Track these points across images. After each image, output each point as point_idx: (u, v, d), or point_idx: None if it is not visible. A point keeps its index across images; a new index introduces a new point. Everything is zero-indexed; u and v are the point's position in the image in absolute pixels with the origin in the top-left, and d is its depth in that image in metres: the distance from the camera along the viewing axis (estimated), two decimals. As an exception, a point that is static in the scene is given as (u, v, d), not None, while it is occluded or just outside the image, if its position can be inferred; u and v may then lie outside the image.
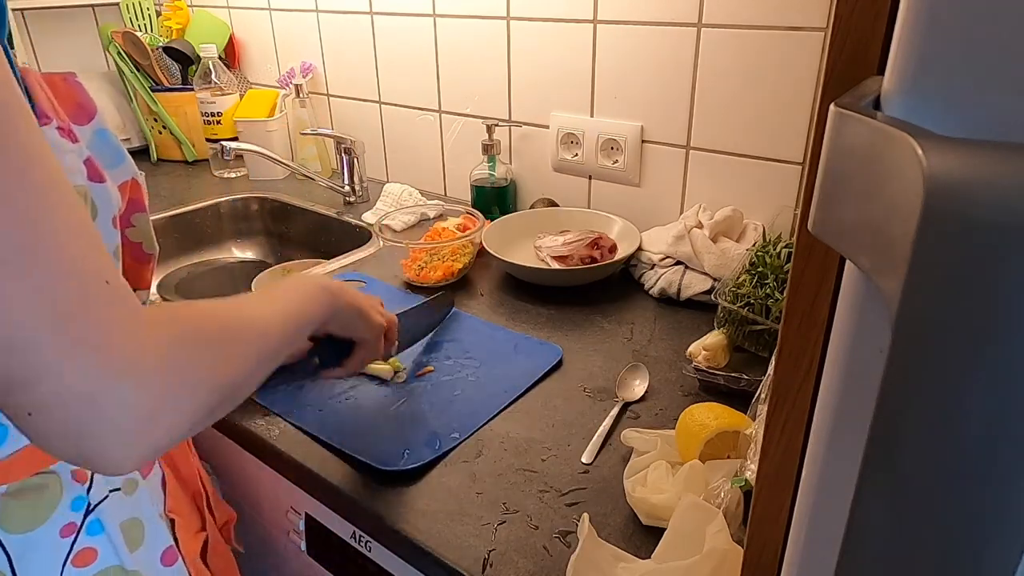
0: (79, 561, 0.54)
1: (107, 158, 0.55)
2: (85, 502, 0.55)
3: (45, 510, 0.52)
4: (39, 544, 0.52)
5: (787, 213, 1.02)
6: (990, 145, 0.19)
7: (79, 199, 0.41)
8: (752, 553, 0.40)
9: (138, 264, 0.61)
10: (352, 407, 0.80)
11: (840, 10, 0.28)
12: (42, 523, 0.52)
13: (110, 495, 0.57)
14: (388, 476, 0.70)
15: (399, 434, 0.75)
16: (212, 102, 1.62)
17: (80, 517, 0.54)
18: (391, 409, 0.79)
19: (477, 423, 0.77)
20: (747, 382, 0.79)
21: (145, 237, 0.61)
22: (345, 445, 0.73)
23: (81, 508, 0.54)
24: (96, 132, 0.55)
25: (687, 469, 0.65)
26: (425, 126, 1.46)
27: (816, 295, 0.32)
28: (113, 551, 0.56)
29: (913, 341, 0.20)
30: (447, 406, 0.80)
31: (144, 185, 0.61)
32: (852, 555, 0.23)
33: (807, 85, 0.97)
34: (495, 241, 1.11)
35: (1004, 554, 0.21)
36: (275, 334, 0.54)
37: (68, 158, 0.49)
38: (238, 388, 0.48)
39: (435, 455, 0.72)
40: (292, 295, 0.60)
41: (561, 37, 1.18)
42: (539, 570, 0.60)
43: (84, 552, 0.54)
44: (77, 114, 0.54)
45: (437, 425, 0.76)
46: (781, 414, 0.36)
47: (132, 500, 0.59)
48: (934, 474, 0.21)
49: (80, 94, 0.54)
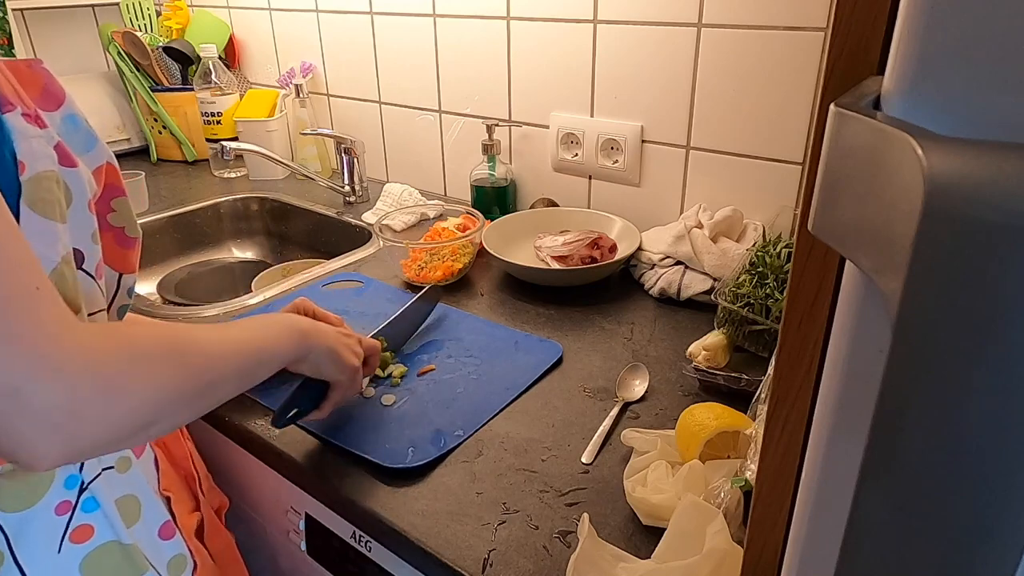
0: (77, 537, 0.55)
1: (79, 143, 0.55)
2: (79, 480, 0.56)
3: (39, 489, 0.54)
4: (35, 522, 0.54)
5: (787, 213, 1.02)
6: (990, 145, 0.19)
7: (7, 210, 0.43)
8: (752, 553, 0.40)
9: (122, 248, 0.62)
10: (356, 406, 0.80)
11: (840, 10, 0.28)
12: (37, 502, 0.53)
13: (103, 473, 0.58)
14: (394, 474, 0.70)
15: (404, 432, 0.75)
16: (212, 102, 1.62)
17: (75, 495, 0.56)
18: (394, 408, 0.79)
19: (481, 420, 0.77)
20: (747, 382, 0.79)
21: (127, 221, 0.62)
22: (350, 444, 0.73)
23: (75, 486, 0.55)
24: (66, 117, 0.55)
25: (687, 469, 0.65)
26: (425, 126, 1.46)
27: (816, 295, 0.32)
28: (109, 527, 0.57)
29: (913, 341, 0.20)
30: (450, 404, 0.80)
31: (119, 169, 0.61)
32: (852, 555, 0.23)
33: (807, 85, 0.97)
34: (495, 241, 1.11)
35: (1004, 554, 0.21)
36: (226, 364, 0.54)
37: (36, 143, 0.49)
38: (172, 406, 0.48)
39: (441, 452, 0.72)
40: (258, 331, 0.61)
41: (561, 37, 1.18)
42: (539, 570, 0.60)
43: (81, 528, 0.56)
44: (45, 100, 0.53)
45: (441, 423, 0.77)
46: (781, 414, 0.36)
47: (126, 478, 0.60)
48: (934, 474, 0.21)
49: (47, 80, 0.54)
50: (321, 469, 0.72)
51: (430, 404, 0.80)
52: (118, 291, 0.63)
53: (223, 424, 0.80)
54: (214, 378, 0.53)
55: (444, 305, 1.02)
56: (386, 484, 0.69)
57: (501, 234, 1.14)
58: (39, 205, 0.48)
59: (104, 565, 0.57)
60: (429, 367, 0.87)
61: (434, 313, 0.99)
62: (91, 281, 0.55)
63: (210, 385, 0.52)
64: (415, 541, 0.63)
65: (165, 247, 1.43)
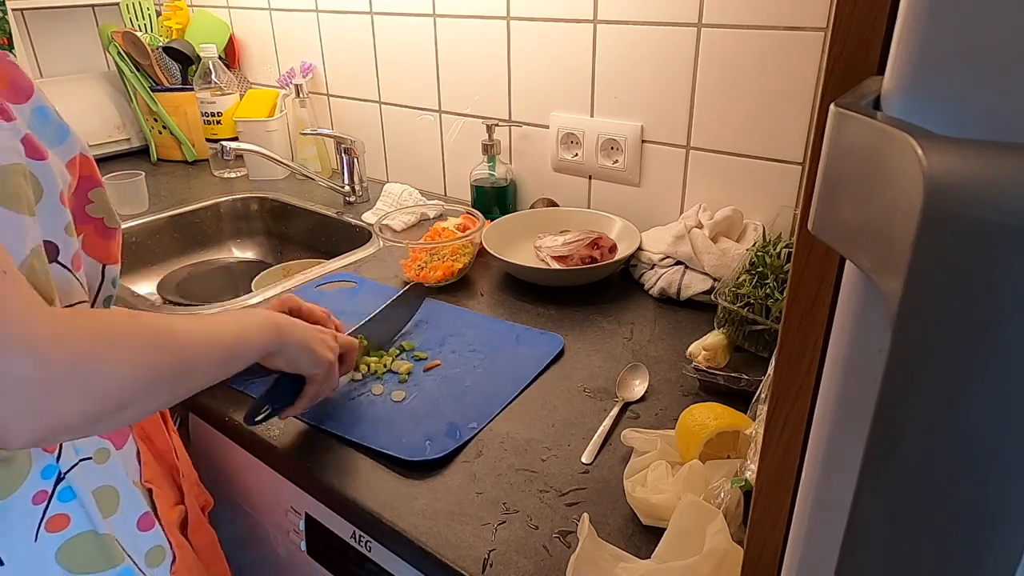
0: (52, 527, 0.56)
1: (50, 135, 0.56)
2: (55, 470, 0.56)
3: (16, 479, 0.54)
4: (12, 511, 0.54)
5: (787, 213, 1.02)
6: (990, 145, 0.19)
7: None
8: (752, 553, 0.40)
9: (103, 239, 0.62)
10: (366, 403, 0.81)
11: (840, 10, 0.28)
12: (14, 491, 0.54)
13: (80, 463, 0.58)
14: (414, 467, 0.71)
15: (418, 426, 0.76)
16: (212, 102, 1.62)
17: (51, 485, 0.56)
18: (405, 404, 0.81)
19: (492, 411, 0.79)
20: (747, 382, 0.79)
21: (105, 212, 0.62)
22: (368, 440, 0.74)
23: (52, 476, 0.56)
24: (35, 110, 0.55)
25: (687, 469, 0.65)
26: (425, 126, 1.46)
27: (816, 295, 0.32)
28: (86, 517, 0.58)
29: (913, 341, 0.20)
30: (460, 397, 0.82)
31: (93, 159, 0.61)
32: (852, 555, 0.23)
33: (807, 85, 0.97)
34: (495, 241, 1.11)
35: (1004, 554, 0.21)
36: (199, 350, 0.55)
37: (1, 136, 0.50)
38: (145, 390, 0.49)
39: (458, 443, 0.74)
40: (234, 324, 0.62)
41: (561, 37, 1.18)
42: (539, 570, 0.60)
43: (57, 518, 0.56)
44: (13, 93, 0.54)
45: (453, 416, 0.78)
46: (781, 414, 0.36)
47: (105, 468, 0.60)
48: (934, 474, 0.21)
49: (14, 73, 0.55)
50: (321, 469, 0.72)
51: (440, 398, 0.82)
52: (103, 282, 0.64)
53: (223, 424, 0.80)
54: (189, 365, 0.54)
55: (442, 303, 1.02)
56: (390, 482, 0.69)
57: (501, 234, 1.14)
58: (4, 198, 0.49)
59: (79, 555, 0.57)
60: (435, 363, 0.88)
61: (437, 311, 0.99)
62: (67, 274, 0.56)
63: (185, 372, 0.53)
64: (415, 541, 0.63)
65: (165, 247, 1.43)
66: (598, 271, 1.05)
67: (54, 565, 0.56)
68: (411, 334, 0.96)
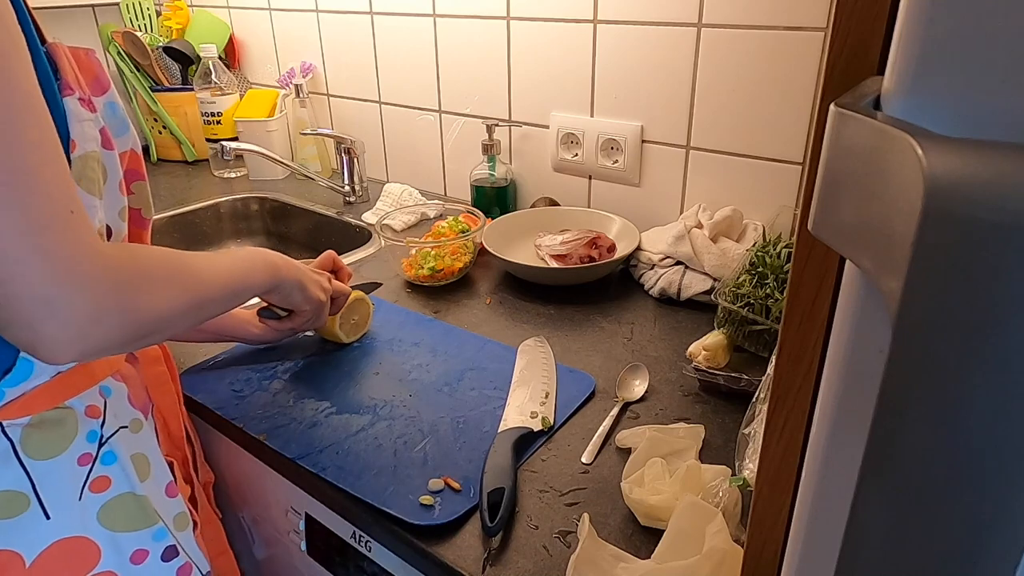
0: (96, 487, 0.61)
1: (116, 128, 0.61)
2: (99, 435, 0.61)
3: (64, 440, 0.59)
4: (59, 470, 0.58)
5: (787, 213, 1.02)
6: (990, 145, 0.19)
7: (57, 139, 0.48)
8: (752, 553, 0.40)
9: (138, 228, 0.68)
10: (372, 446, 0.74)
11: (840, 10, 0.28)
12: (62, 452, 0.58)
13: (119, 431, 0.63)
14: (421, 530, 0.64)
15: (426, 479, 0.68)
16: (212, 102, 1.62)
17: (95, 448, 0.61)
18: (415, 452, 0.73)
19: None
20: (747, 382, 0.79)
21: (144, 203, 0.68)
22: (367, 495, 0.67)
23: (95, 440, 0.61)
24: (108, 104, 0.60)
25: (684, 469, 0.65)
26: (425, 126, 1.46)
27: (816, 295, 0.32)
28: (126, 479, 0.63)
29: (913, 341, 0.20)
30: (477, 444, 0.73)
31: (142, 156, 0.67)
32: (852, 555, 0.23)
33: (807, 85, 0.97)
34: (495, 240, 1.11)
35: (1004, 554, 0.21)
36: (214, 287, 0.62)
37: (86, 126, 0.55)
38: (170, 321, 0.55)
39: (471, 504, 0.65)
40: (239, 262, 0.69)
41: (561, 37, 1.18)
42: (539, 570, 0.60)
43: (100, 480, 0.61)
44: (94, 86, 0.59)
45: (469, 469, 0.70)
46: (781, 414, 0.36)
47: (138, 437, 0.65)
48: (934, 474, 0.21)
49: (97, 68, 0.60)
50: (321, 469, 0.71)
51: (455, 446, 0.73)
52: None
53: (223, 424, 0.80)
54: (205, 300, 0.61)
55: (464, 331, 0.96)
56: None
57: (501, 234, 1.14)
58: (83, 182, 0.54)
59: (119, 514, 0.62)
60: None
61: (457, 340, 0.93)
62: None
63: (202, 305, 0.60)
64: (415, 541, 0.63)
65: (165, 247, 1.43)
66: (596, 270, 1.05)
67: (94, 523, 0.60)
68: (431, 366, 0.88)
